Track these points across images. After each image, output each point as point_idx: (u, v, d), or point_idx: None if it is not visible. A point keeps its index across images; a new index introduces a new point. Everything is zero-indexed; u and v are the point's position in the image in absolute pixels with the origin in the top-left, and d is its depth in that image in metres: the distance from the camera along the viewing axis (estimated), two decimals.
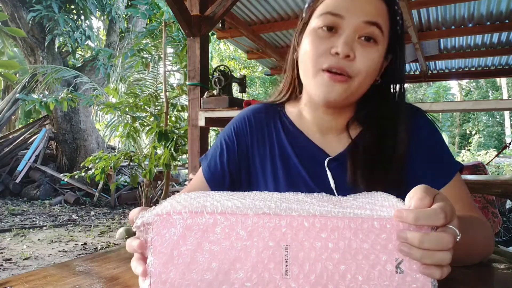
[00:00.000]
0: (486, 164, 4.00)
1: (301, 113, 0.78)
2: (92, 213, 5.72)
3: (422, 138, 0.72)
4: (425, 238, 0.40)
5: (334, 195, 0.53)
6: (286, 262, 0.42)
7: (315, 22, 0.66)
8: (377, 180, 0.68)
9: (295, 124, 0.78)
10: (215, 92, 2.58)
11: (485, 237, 0.65)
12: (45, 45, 7.00)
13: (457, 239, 0.42)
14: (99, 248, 3.87)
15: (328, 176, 0.72)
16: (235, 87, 2.90)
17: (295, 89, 0.80)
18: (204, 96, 2.57)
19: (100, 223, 5.08)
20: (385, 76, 0.71)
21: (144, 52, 4.54)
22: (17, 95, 7.03)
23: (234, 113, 2.40)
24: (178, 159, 3.86)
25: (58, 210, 5.79)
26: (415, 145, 0.71)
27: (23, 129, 7.56)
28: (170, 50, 4.69)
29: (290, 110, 0.81)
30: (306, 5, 0.72)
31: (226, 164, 0.79)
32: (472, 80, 18.48)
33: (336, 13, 0.63)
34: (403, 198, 0.46)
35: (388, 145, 0.70)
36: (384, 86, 0.72)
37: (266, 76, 12.41)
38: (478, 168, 2.82)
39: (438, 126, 0.74)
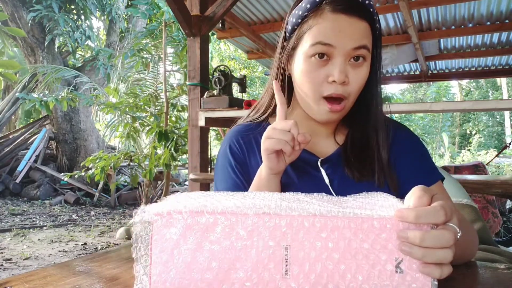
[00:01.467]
0: (486, 164, 4.00)
1: None
2: (92, 213, 5.72)
3: (406, 147, 0.76)
4: (426, 236, 0.40)
5: (329, 195, 0.53)
6: (286, 261, 0.42)
7: (306, 49, 0.67)
8: (369, 173, 0.72)
9: None
10: (215, 92, 2.58)
11: (473, 236, 0.69)
12: (45, 45, 6.99)
13: (458, 237, 0.42)
14: (99, 248, 3.87)
15: (322, 175, 0.73)
16: (235, 87, 2.90)
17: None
18: (204, 96, 2.57)
19: (100, 223, 5.07)
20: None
21: (144, 52, 4.54)
22: (17, 94, 7.02)
23: (234, 113, 2.40)
24: (178, 159, 3.86)
25: (58, 210, 5.79)
26: (400, 153, 0.75)
27: (23, 129, 7.55)
28: (170, 50, 4.69)
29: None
30: (290, 28, 0.72)
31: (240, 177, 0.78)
32: (472, 80, 18.47)
33: (326, 43, 0.65)
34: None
35: (374, 142, 0.74)
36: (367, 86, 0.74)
37: (266, 76, 12.39)
38: (478, 168, 2.82)
39: (422, 140, 0.80)
